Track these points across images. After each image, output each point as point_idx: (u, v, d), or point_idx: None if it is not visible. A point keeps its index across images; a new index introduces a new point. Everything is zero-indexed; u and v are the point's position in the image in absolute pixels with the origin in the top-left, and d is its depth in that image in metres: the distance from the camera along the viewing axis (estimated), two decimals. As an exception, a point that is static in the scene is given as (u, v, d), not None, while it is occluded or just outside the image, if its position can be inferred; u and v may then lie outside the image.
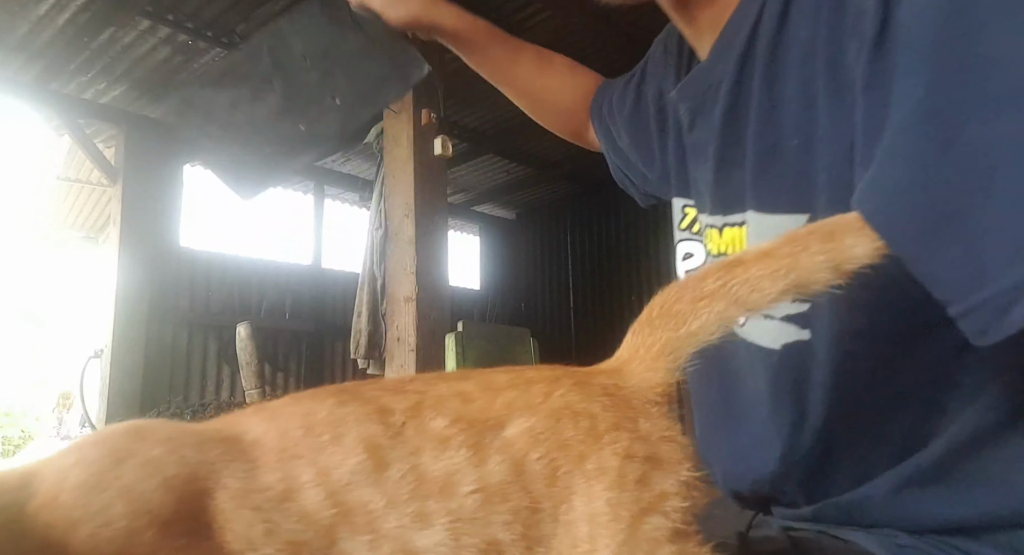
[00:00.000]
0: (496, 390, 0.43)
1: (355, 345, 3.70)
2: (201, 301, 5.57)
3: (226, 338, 5.25)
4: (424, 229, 3.02)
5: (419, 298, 2.95)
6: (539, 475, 0.39)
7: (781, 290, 0.44)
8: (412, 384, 0.44)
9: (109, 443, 0.38)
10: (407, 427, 0.40)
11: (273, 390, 5.34)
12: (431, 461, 0.38)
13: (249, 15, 4.10)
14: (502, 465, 0.39)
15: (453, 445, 0.39)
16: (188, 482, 0.36)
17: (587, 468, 0.40)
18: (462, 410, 0.41)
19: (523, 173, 6.94)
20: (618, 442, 0.41)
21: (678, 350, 0.46)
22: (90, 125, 5.05)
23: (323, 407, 0.41)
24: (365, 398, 0.41)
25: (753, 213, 0.61)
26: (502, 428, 0.41)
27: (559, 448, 0.40)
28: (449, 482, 0.38)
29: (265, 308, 5.89)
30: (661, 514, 0.40)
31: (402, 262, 3.03)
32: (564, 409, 0.42)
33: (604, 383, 0.45)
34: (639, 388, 0.45)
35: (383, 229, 3.33)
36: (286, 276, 6.10)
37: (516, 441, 0.40)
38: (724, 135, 0.64)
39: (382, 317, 3.49)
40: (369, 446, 0.39)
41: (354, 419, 0.40)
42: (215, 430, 0.40)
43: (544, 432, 0.41)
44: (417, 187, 3.00)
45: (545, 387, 0.43)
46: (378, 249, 3.57)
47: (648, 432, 0.42)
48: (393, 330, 3.04)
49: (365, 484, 0.37)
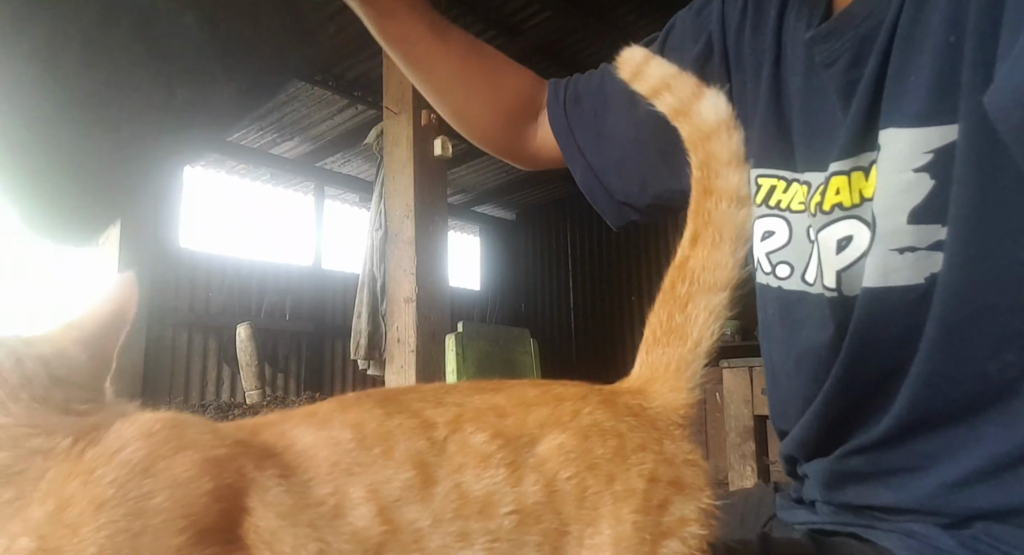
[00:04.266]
0: (528, 405, 0.42)
1: (355, 346, 3.70)
2: (201, 302, 5.57)
3: (226, 339, 5.25)
4: (424, 230, 3.01)
5: (419, 299, 2.95)
6: (569, 496, 0.39)
7: (730, 251, 0.47)
8: (449, 395, 0.43)
9: (171, 428, 0.35)
10: (449, 442, 0.39)
11: (273, 391, 5.35)
12: (473, 479, 0.38)
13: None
14: (536, 485, 0.39)
15: (493, 463, 0.39)
16: (238, 495, 0.34)
17: (615, 489, 0.40)
18: (499, 425, 0.40)
19: (523, 174, 6.94)
20: (644, 463, 0.41)
21: (692, 364, 0.47)
22: (90, 126, 5.05)
23: (372, 418, 0.39)
24: (411, 410, 0.41)
25: (895, 130, 0.56)
26: (535, 445, 0.40)
27: (588, 468, 0.40)
28: (489, 502, 0.38)
29: (265, 309, 5.89)
30: (679, 540, 0.39)
31: (402, 263, 3.03)
32: (593, 427, 0.41)
33: (630, 403, 0.44)
34: (664, 409, 0.45)
35: (383, 230, 3.33)
36: (286, 277, 6.10)
37: (548, 459, 0.40)
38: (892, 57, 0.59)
39: (382, 318, 3.49)
40: (418, 462, 0.38)
41: (402, 433, 0.39)
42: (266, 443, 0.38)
43: (574, 450, 0.40)
44: (417, 188, 3.00)
45: (573, 405, 0.42)
46: (378, 250, 3.57)
47: (673, 455, 0.42)
48: (393, 331, 3.04)
49: (414, 501, 0.36)
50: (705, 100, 0.51)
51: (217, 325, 5.50)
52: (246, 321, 4.63)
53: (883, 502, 0.59)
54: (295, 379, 6.00)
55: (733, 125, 0.50)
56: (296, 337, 6.06)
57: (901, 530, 0.57)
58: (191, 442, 0.35)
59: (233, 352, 4.86)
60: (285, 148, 5.98)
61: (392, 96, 3.12)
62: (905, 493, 0.57)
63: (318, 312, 6.24)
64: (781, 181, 0.68)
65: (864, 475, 0.61)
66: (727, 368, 3.86)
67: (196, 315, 5.50)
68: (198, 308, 5.54)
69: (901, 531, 0.57)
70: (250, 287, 5.86)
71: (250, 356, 4.36)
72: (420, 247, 2.98)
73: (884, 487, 0.59)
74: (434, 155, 3.07)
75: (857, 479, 0.62)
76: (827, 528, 0.64)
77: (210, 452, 0.34)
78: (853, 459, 0.61)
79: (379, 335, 3.56)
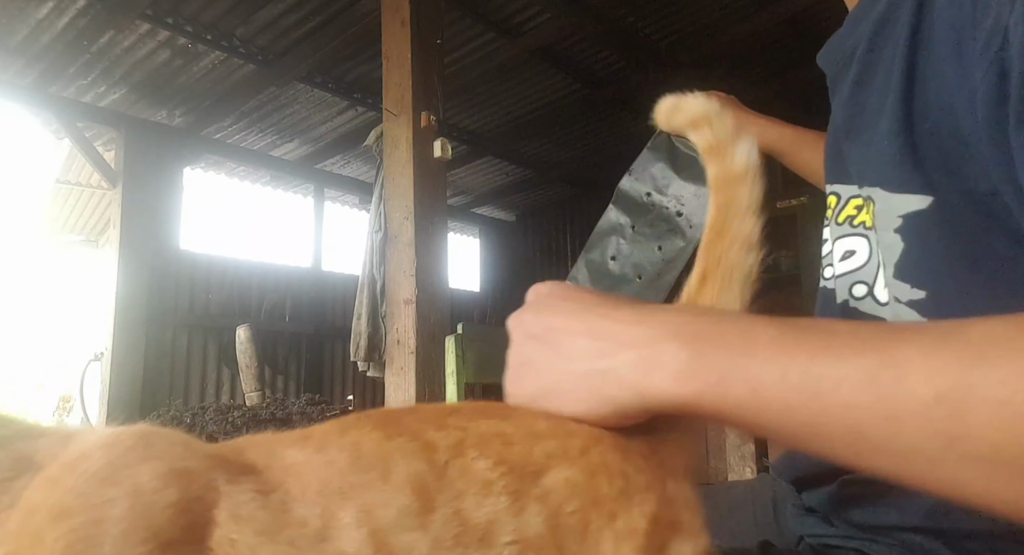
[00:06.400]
0: (537, 436, 0.42)
1: (355, 347, 3.70)
2: (201, 304, 5.57)
3: (226, 340, 5.25)
4: (424, 231, 3.01)
5: (419, 300, 2.95)
6: (571, 531, 0.39)
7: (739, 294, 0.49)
8: (453, 418, 0.42)
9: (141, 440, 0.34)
10: (451, 467, 0.38)
11: (273, 393, 5.34)
12: (474, 506, 0.37)
13: (248, 18, 4.10)
14: (538, 516, 0.38)
15: (495, 491, 0.38)
16: (208, 508, 0.33)
17: (617, 527, 0.39)
18: (503, 453, 0.40)
19: (523, 175, 6.94)
20: (647, 504, 0.41)
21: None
22: (90, 128, 5.05)
23: (370, 439, 0.39)
24: (411, 432, 0.40)
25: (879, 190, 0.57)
26: (541, 476, 0.40)
27: (592, 504, 0.40)
28: (490, 531, 0.37)
29: (265, 310, 5.89)
30: None
31: (402, 264, 3.03)
32: (601, 466, 0.41)
33: (640, 447, 0.44)
34: (673, 451, 0.45)
35: (383, 231, 3.33)
36: (286, 278, 6.10)
37: (553, 491, 0.39)
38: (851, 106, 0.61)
39: (382, 319, 3.49)
40: (416, 486, 0.37)
41: (401, 455, 0.38)
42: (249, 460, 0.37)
43: (580, 486, 0.40)
44: (417, 189, 3.00)
45: (583, 442, 0.42)
46: (378, 251, 3.57)
47: (674, 496, 0.42)
48: (393, 332, 3.04)
49: (411, 527, 0.35)
50: (740, 145, 0.51)
51: (217, 327, 5.49)
52: (246, 323, 4.63)
53: (887, 522, 0.59)
54: (295, 381, 6.00)
55: (758, 175, 0.51)
56: (296, 339, 6.06)
57: (904, 544, 0.58)
58: (158, 453, 0.34)
59: (233, 354, 4.86)
60: (285, 150, 5.98)
61: (392, 98, 3.12)
62: (909, 513, 0.57)
63: (318, 314, 6.24)
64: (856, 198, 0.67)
65: (868, 497, 0.61)
66: (727, 369, 3.86)
67: (196, 316, 5.50)
68: (198, 310, 5.54)
69: (904, 545, 0.58)
70: (250, 289, 5.86)
71: (250, 358, 4.36)
72: (420, 249, 2.98)
73: (886, 507, 0.59)
74: (434, 157, 3.07)
75: (861, 501, 0.62)
76: (831, 542, 0.64)
77: (177, 463, 0.34)
78: (854, 486, 0.62)
79: (379, 337, 3.56)
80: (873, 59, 0.59)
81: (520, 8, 4.11)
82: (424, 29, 3.14)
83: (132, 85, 4.68)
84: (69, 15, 3.87)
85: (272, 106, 5.16)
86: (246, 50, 4.39)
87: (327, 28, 4.20)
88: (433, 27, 3.21)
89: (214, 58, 4.45)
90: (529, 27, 4.29)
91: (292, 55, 4.44)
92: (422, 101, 3.05)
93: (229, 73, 4.65)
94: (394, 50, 3.16)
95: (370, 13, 3.80)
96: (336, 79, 4.85)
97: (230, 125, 5.43)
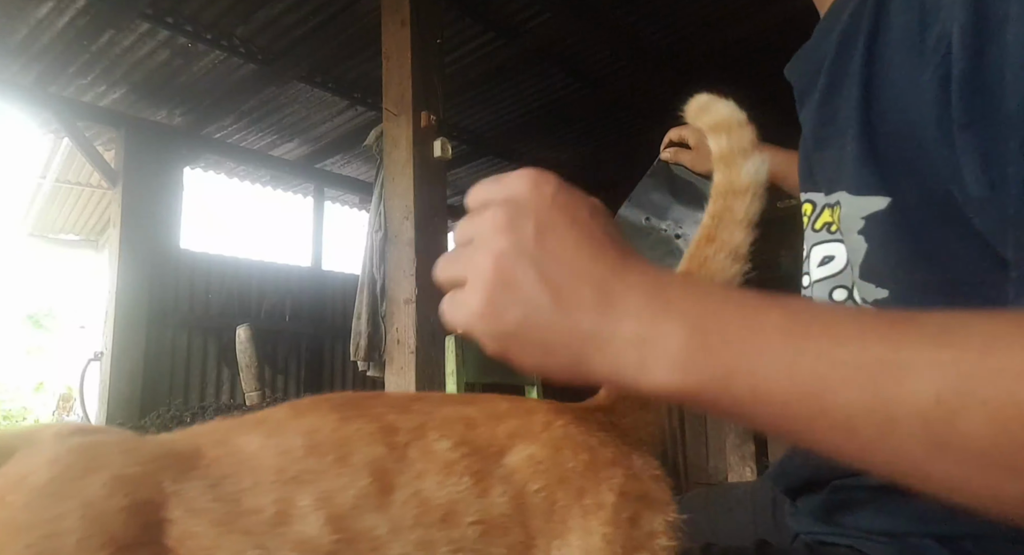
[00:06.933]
0: (499, 417, 0.42)
1: (355, 347, 3.70)
2: (201, 303, 5.57)
3: (226, 340, 5.25)
4: (424, 231, 3.01)
5: (419, 300, 2.95)
6: (537, 509, 0.39)
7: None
8: (417, 404, 0.42)
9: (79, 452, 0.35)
10: (411, 448, 0.38)
11: (273, 392, 5.34)
12: (435, 487, 0.37)
13: (248, 18, 4.10)
14: (503, 497, 0.38)
15: (457, 471, 0.38)
16: (158, 509, 0.33)
17: (585, 503, 0.40)
18: (466, 434, 0.40)
19: (523, 175, 6.93)
20: (614, 478, 0.41)
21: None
22: (89, 128, 5.05)
23: (326, 424, 0.39)
24: (370, 415, 0.40)
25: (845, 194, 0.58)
26: (504, 455, 0.40)
27: (559, 481, 0.40)
28: (452, 511, 0.37)
29: (265, 310, 5.89)
30: (651, 553, 0.40)
31: (402, 264, 3.03)
32: (564, 439, 0.41)
33: (601, 419, 0.45)
34: (633, 425, 0.46)
35: (383, 231, 3.33)
36: (286, 278, 6.10)
37: (517, 470, 0.39)
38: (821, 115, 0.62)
39: (382, 319, 3.49)
40: (375, 469, 0.37)
41: (359, 439, 0.38)
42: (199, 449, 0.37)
43: (544, 462, 0.40)
44: (417, 189, 3.00)
45: (545, 418, 0.43)
46: (378, 251, 3.57)
47: (640, 470, 0.43)
48: (393, 332, 3.04)
49: (370, 509, 0.36)
50: (751, 160, 0.52)
51: (217, 326, 5.49)
52: (246, 322, 4.64)
53: (877, 527, 0.60)
54: (295, 380, 6.00)
55: (760, 193, 0.51)
56: (296, 338, 6.06)
57: (896, 542, 0.58)
58: (101, 463, 0.34)
59: (233, 353, 4.86)
60: (285, 150, 5.98)
61: (392, 98, 3.12)
62: (899, 518, 0.58)
63: (318, 313, 6.24)
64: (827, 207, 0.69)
65: (859, 502, 0.61)
66: (727, 369, 3.86)
67: (196, 316, 5.49)
68: (198, 309, 5.53)
69: (897, 543, 0.58)
70: (250, 288, 5.86)
71: (250, 357, 4.36)
72: (420, 248, 2.98)
73: (877, 513, 0.60)
74: (434, 156, 3.07)
75: (852, 507, 0.62)
76: (826, 539, 0.64)
77: (122, 470, 0.34)
78: (844, 492, 0.62)
79: (379, 336, 3.56)
80: (840, 69, 0.60)
81: (520, 8, 4.11)
82: (424, 29, 3.14)
83: (132, 85, 4.68)
84: (69, 15, 3.87)
85: (272, 106, 5.15)
86: (246, 50, 4.39)
87: (327, 28, 4.20)
88: (433, 27, 3.21)
89: (214, 58, 4.45)
90: (529, 27, 4.29)
91: (292, 55, 4.44)
92: (422, 101, 3.05)
93: (229, 73, 4.65)
94: (394, 50, 3.16)
95: (370, 13, 3.80)
96: (336, 79, 4.85)
97: (230, 125, 5.43)
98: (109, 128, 5.11)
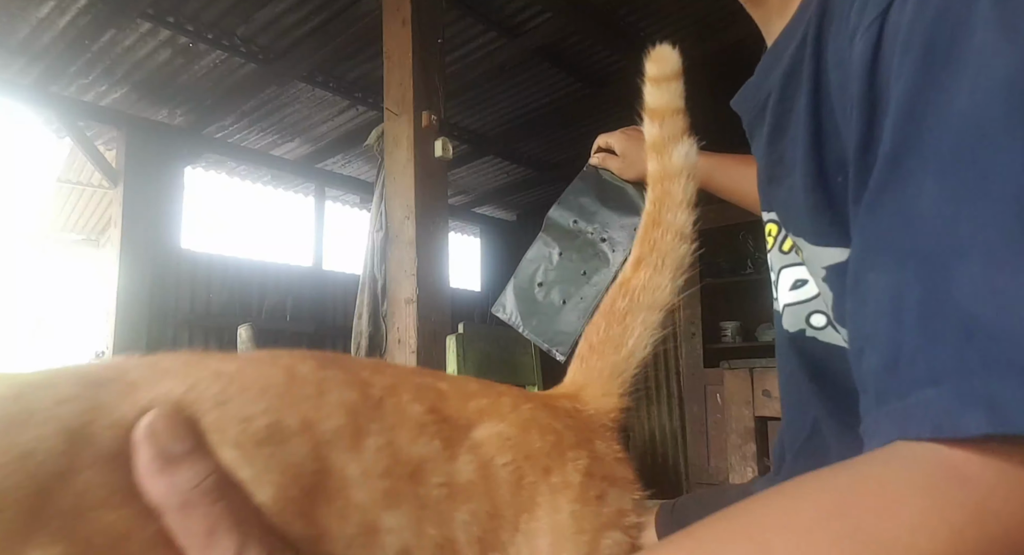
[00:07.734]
0: (469, 395, 0.42)
1: (356, 347, 3.70)
2: (202, 303, 5.57)
3: (227, 340, 5.26)
4: (425, 231, 3.02)
5: (420, 300, 2.95)
6: (504, 482, 0.39)
7: (671, 277, 0.52)
8: (390, 369, 0.42)
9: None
10: (385, 402, 0.38)
11: (274, 392, 5.34)
12: (407, 443, 0.37)
13: (249, 17, 4.10)
14: (470, 465, 0.38)
15: (428, 433, 0.38)
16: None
17: (552, 481, 0.40)
18: (437, 404, 0.40)
19: (524, 175, 6.94)
20: (580, 459, 0.42)
21: (624, 372, 0.50)
22: (91, 127, 5.05)
23: (304, 365, 0.38)
24: (345, 367, 0.40)
25: (803, 241, 0.58)
26: (472, 429, 0.40)
27: (525, 458, 0.40)
28: (421, 469, 0.36)
29: (266, 310, 5.89)
30: (621, 530, 0.40)
31: (403, 264, 3.03)
32: (532, 421, 0.42)
33: (566, 405, 0.46)
34: (596, 412, 0.47)
35: (384, 231, 3.33)
36: (287, 278, 6.10)
37: (484, 443, 0.40)
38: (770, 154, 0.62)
39: (383, 319, 3.49)
40: (350, 411, 0.36)
41: (335, 383, 0.37)
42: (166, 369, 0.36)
43: (512, 439, 0.40)
44: (418, 189, 3.00)
45: (513, 400, 0.43)
46: (379, 251, 3.57)
47: (604, 453, 0.44)
48: (394, 332, 3.04)
49: (344, 448, 0.35)
50: (680, 145, 0.55)
51: (218, 326, 5.50)
52: (247, 322, 4.63)
53: None
54: (296, 380, 6.00)
55: (695, 174, 0.54)
56: (297, 338, 6.06)
57: None
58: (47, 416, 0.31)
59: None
60: (286, 149, 5.98)
61: (393, 98, 3.12)
62: None
63: (319, 313, 6.24)
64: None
65: None
66: (728, 369, 3.86)
67: (197, 316, 5.50)
68: (199, 309, 5.54)
69: None
70: (251, 288, 5.86)
71: (251, 357, 4.35)
72: (421, 248, 2.98)
73: None
74: (435, 156, 3.07)
75: None
76: None
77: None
78: None
79: (380, 336, 3.56)
80: (784, 110, 0.60)
81: (521, 7, 4.11)
82: (425, 28, 3.14)
83: (133, 84, 4.69)
84: (70, 14, 3.87)
85: (273, 105, 5.16)
86: (247, 49, 4.39)
87: (328, 27, 4.20)
88: (434, 26, 3.21)
89: (215, 57, 4.45)
90: (530, 26, 4.29)
91: (293, 54, 4.44)
92: (423, 100, 3.05)
93: (230, 72, 4.65)
94: (395, 49, 3.16)
95: (371, 12, 3.80)
96: (337, 78, 4.85)
97: (231, 124, 5.43)
98: (110, 127, 5.11)
